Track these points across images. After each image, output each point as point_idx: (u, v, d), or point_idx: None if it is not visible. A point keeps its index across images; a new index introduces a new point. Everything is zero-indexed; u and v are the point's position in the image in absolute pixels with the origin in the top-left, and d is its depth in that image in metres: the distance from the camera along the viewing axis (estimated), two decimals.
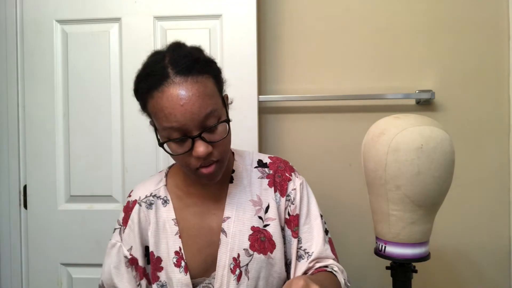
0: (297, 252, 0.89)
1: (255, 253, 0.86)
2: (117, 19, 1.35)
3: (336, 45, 1.41)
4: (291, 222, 0.90)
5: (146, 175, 1.30)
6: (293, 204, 0.91)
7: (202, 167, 0.78)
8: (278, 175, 0.93)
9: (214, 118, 0.76)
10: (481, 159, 1.38)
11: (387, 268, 1.04)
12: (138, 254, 0.89)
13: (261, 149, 1.39)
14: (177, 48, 0.79)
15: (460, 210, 1.38)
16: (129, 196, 0.95)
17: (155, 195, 0.91)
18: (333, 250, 0.92)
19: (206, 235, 0.88)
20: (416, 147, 0.89)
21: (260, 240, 0.87)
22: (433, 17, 1.38)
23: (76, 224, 1.37)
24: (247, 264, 0.86)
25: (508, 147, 1.37)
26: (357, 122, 1.40)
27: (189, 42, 0.83)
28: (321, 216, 0.93)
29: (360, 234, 1.39)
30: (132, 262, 0.89)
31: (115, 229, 0.93)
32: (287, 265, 0.91)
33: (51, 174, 1.37)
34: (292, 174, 0.94)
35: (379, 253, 1.00)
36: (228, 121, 0.79)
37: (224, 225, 0.87)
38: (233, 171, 0.92)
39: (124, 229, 0.91)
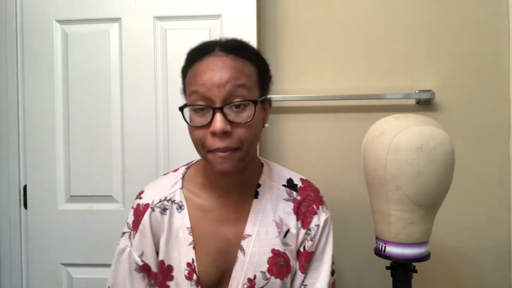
0: (300, 287, 0.87)
1: (272, 277, 0.83)
2: (117, 19, 1.35)
3: (336, 45, 1.41)
4: (303, 257, 0.87)
5: (146, 175, 1.31)
6: (312, 241, 0.87)
7: (218, 151, 0.73)
8: (305, 205, 0.88)
9: (241, 98, 0.73)
10: (481, 159, 1.38)
11: (387, 268, 1.04)
12: (151, 260, 0.85)
13: (261, 149, 1.39)
14: (234, 38, 0.83)
15: (460, 210, 1.38)
16: (140, 198, 0.88)
17: (169, 199, 0.85)
18: None
19: (221, 245, 0.84)
20: (416, 147, 0.89)
21: (279, 265, 0.84)
22: (433, 17, 1.38)
23: (76, 224, 1.37)
24: (262, 287, 0.83)
25: (508, 147, 1.37)
26: (357, 122, 1.40)
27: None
28: (332, 256, 0.89)
29: (360, 234, 1.39)
30: (143, 268, 0.85)
31: (123, 233, 0.88)
32: None
33: (51, 174, 1.37)
34: (320, 207, 0.89)
35: (379, 253, 1.00)
36: (255, 103, 0.74)
37: (244, 243, 0.83)
38: (259, 185, 0.88)
39: (135, 234, 0.86)
